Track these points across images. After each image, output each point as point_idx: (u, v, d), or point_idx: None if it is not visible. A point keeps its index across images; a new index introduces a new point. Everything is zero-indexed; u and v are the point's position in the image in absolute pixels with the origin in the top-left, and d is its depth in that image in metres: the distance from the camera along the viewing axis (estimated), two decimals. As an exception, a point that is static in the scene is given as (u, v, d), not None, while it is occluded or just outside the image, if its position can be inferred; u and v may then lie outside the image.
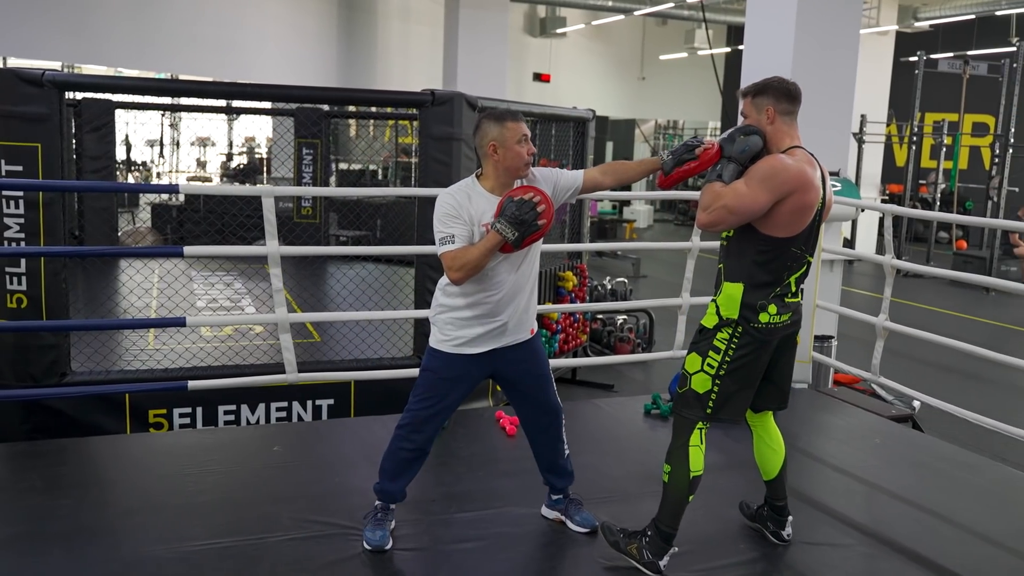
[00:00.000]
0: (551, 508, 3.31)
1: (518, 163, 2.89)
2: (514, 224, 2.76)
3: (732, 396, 2.86)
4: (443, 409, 3.03)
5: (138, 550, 2.99)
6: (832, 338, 5.73)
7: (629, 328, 7.84)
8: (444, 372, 3.00)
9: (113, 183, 9.74)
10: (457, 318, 2.97)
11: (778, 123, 2.85)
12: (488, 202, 2.89)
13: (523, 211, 2.77)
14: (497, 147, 2.87)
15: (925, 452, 4.38)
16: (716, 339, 2.85)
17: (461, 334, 2.97)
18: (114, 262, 8.65)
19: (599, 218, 16.33)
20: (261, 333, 6.04)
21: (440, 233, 2.85)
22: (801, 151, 2.83)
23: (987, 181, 13.49)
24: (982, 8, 14.96)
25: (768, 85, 2.87)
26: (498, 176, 2.92)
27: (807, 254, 2.86)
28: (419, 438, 3.02)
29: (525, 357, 3.07)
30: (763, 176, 2.72)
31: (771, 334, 2.85)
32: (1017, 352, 4.95)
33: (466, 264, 2.81)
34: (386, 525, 3.09)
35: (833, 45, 6.18)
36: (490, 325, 2.96)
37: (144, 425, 4.63)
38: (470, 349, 2.98)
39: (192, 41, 14.38)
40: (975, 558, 3.19)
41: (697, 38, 18.68)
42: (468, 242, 2.84)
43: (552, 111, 7.11)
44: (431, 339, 3.05)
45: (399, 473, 3.07)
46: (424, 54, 17.06)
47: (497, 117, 2.90)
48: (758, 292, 2.81)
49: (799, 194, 2.73)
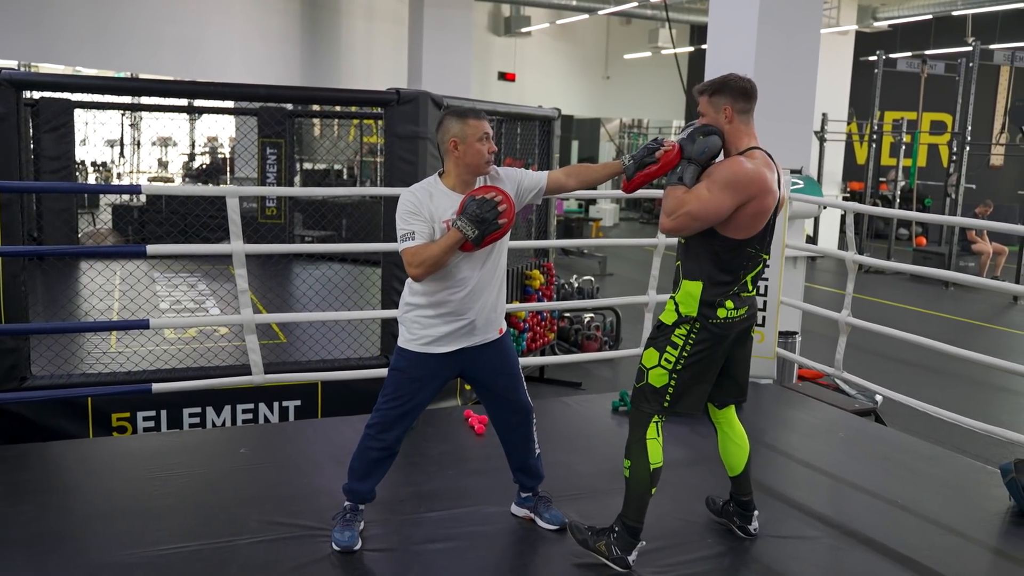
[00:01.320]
0: (520, 506, 3.32)
1: (479, 160, 2.91)
2: (475, 222, 2.78)
3: (689, 390, 2.91)
4: (412, 409, 3.03)
5: (103, 555, 2.95)
6: (796, 334, 5.81)
7: (596, 326, 7.87)
8: (412, 372, 3.00)
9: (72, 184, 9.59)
10: (424, 316, 2.97)
11: (736, 122, 2.87)
12: (450, 199, 2.90)
13: (484, 210, 2.79)
14: (458, 144, 2.89)
15: (887, 445, 4.45)
16: (674, 335, 2.89)
17: (428, 333, 2.97)
18: (75, 264, 8.52)
19: (565, 217, 16.38)
20: (226, 334, 5.99)
21: (401, 230, 2.87)
22: (759, 152, 2.87)
23: (945, 178, 13.73)
24: (939, 8, 15.23)
25: (725, 83, 2.89)
26: (460, 174, 2.93)
27: (762, 253, 2.92)
28: (388, 438, 3.01)
29: (494, 356, 3.08)
30: (726, 182, 2.75)
31: (728, 329, 2.89)
32: (976, 346, 5.06)
33: (425, 260, 2.82)
34: (355, 526, 3.08)
35: (794, 44, 6.27)
36: (457, 323, 2.97)
37: (107, 429, 4.57)
38: (438, 348, 2.98)
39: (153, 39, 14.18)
40: (936, 547, 3.25)
41: (661, 37, 18.80)
42: (429, 239, 2.85)
43: (517, 110, 7.13)
44: (399, 338, 3.05)
45: (368, 473, 3.06)
46: (389, 53, 16.99)
47: (459, 114, 2.92)
48: (716, 290, 2.86)
49: (759, 199, 2.78)
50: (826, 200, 5.89)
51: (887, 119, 16.56)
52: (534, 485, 3.29)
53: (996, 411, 6.45)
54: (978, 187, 13.87)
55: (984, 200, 13.08)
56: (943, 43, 16.75)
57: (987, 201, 13.00)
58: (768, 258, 2.96)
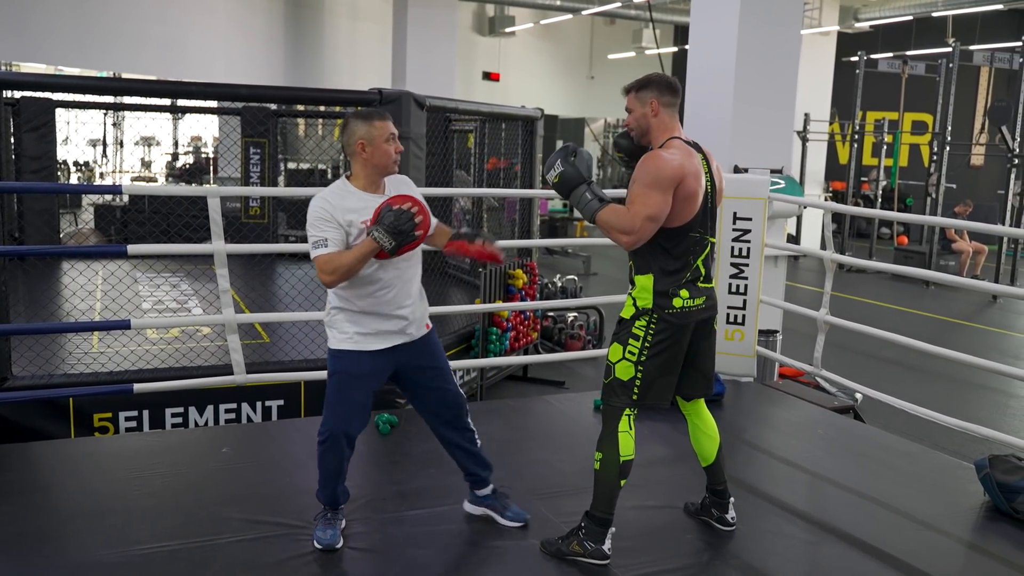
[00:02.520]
0: (477, 504, 3.32)
1: (387, 161, 2.96)
2: (391, 233, 2.81)
3: (656, 381, 2.96)
4: (358, 411, 3.02)
5: (84, 555, 2.96)
6: (777, 333, 5.85)
7: (579, 325, 7.90)
8: (353, 370, 3.00)
9: (54, 184, 9.55)
10: (357, 314, 2.98)
11: (662, 115, 2.98)
12: (361, 200, 2.93)
13: (401, 221, 2.82)
14: (365, 145, 2.93)
15: (866, 442, 4.50)
16: (635, 327, 2.95)
17: (361, 330, 2.99)
18: (56, 264, 8.47)
19: (550, 216, 16.41)
20: (208, 334, 5.98)
21: (313, 237, 2.88)
22: (678, 141, 2.95)
23: (926, 178, 13.85)
24: (919, 10, 15.36)
25: (650, 80, 3.03)
26: (368, 175, 2.98)
27: (707, 235, 2.98)
28: (342, 444, 3.01)
29: (425, 352, 3.11)
30: (655, 177, 2.83)
31: (686, 318, 2.94)
32: (955, 344, 5.11)
33: (338, 268, 2.83)
34: (336, 524, 3.10)
35: (775, 45, 6.32)
36: (391, 322, 3.00)
37: (89, 429, 4.56)
38: (374, 345, 3.00)
39: (135, 39, 14.11)
40: (912, 542, 3.30)
41: (645, 38, 18.87)
42: (342, 245, 2.87)
43: (500, 110, 7.15)
44: (330, 341, 3.04)
45: (336, 481, 3.08)
46: (373, 53, 16.97)
47: (365, 116, 2.97)
48: (668, 279, 2.92)
49: (682, 184, 2.85)
50: (804, 200, 5.95)
51: (869, 119, 16.69)
52: (486, 475, 3.29)
53: (974, 408, 6.53)
54: (959, 187, 14.00)
55: (964, 200, 13.20)
56: (924, 44, 16.90)
57: (967, 201, 13.12)
58: (714, 240, 3.04)
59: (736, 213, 5.16)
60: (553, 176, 2.96)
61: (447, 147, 7.99)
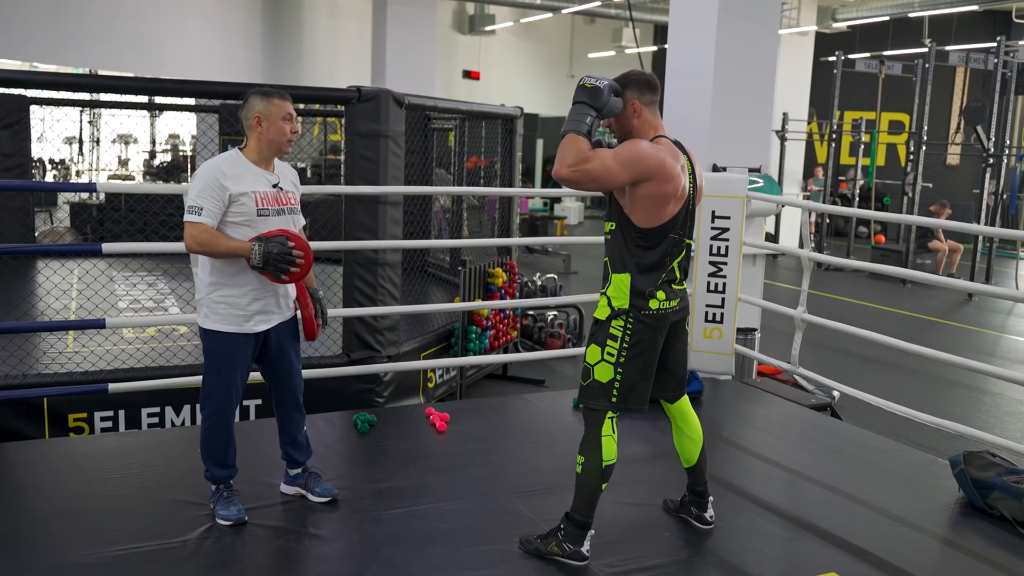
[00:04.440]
0: (291, 484, 3.42)
1: (281, 138, 3.05)
2: (266, 258, 2.94)
3: (636, 384, 2.92)
4: (238, 389, 3.14)
5: (58, 556, 2.92)
6: (755, 331, 5.88)
7: (559, 323, 7.91)
8: (229, 350, 3.08)
9: (28, 182, 9.41)
10: (230, 296, 3.06)
11: (644, 115, 2.94)
12: (251, 173, 3.04)
13: (281, 258, 2.96)
14: (262, 120, 3.02)
15: (842, 439, 4.53)
16: (612, 328, 2.91)
17: (238, 313, 3.06)
18: (30, 263, 8.38)
19: (530, 215, 16.41)
20: (185, 333, 5.93)
21: (193, 201, 2.96)
22: (665, 140, 2.92)
23: (903, 177, 13.97)
24: (896, 10, 15.50)
25: (629, 79, 2.96)
26: (261, 150, 3.07)
27: (685, 238, 2.96)
28: (227, 420, 3.14)
29: (288, 333, 3.23)
30: (628, 159, 2.80)
31: (662, 320, 2.93)
32: (931, 342, 5.16)
33: (206, 246, 2.95)
34: (235, 499, 3.19)
35: (754, 44, 6.35)
36: (263, 300, 3.09)
37: (64, 429, 4.51)
38: (252, 328, 3.08)
39: (112, 35, 13.98)
40: (887, 537, 3.33)
41: (625, 36, 18.93)
42: (215, 218, 2.95)
43: (480, 108, 7.13)
44: (206, 321, 3.10)
45: (224, 456, 3.19)
46: (352, 51, 16.91)
47: (265, 94, 3.07)
48: (645, 279, 2.89)
49: (656, 183, 2.81)
50: (782, 198, 5.98)
51: (847, 119, 16.81)
52: (303, 460, 3.40)
53: (949, 405, 6.59)
54: (935, 186, 14.12)
55: (940, 200, 13.32)
56: (900, 44, 17.04)
57: (943, 201, 13.23)
58: (691, 243, 3.03)
59: (714, 212, 5.19)
60: (590, 83, 2.85)
61: (427, 145, 7.97)
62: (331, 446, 4.06)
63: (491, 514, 3.37)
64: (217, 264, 3.04)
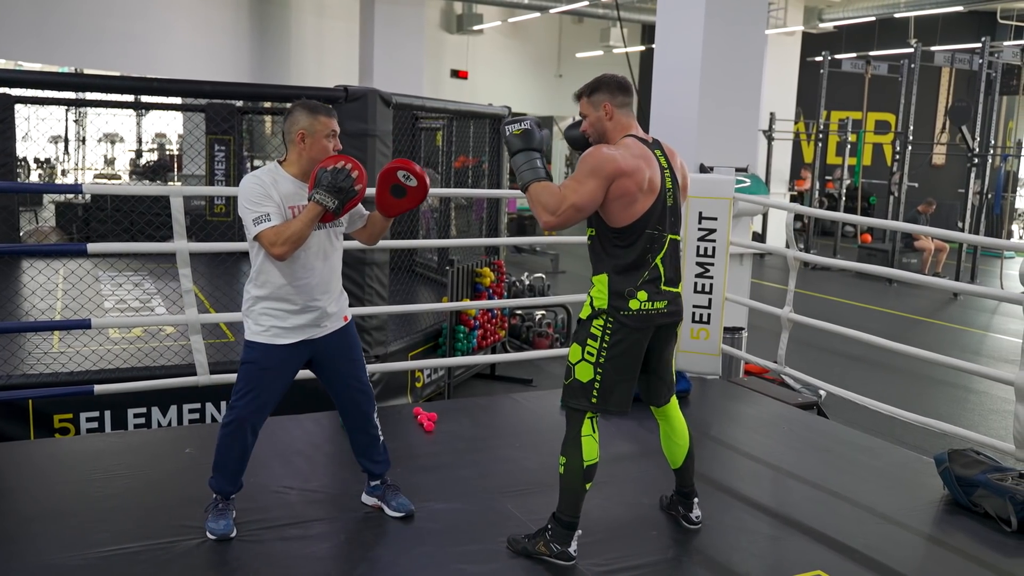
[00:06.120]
0: (370, 495, 3.36)
1: (323, 156, 2.97)
2: (332, 192, 2.84)
3: (616, 385, 2.91)
4: (268, 402, 3.05)
5: (42, 558, 2.90)
6: (742, 330, 5.90)
7: (547, 323, 7.91)
8: (264, 363, 3.01)
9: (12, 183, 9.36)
10: (273, 308, 2.99)
11: (617, 116, 2.95)
12: (294, 186, 2.97)
13: (339, 179, 2.84)
14: (305, 136, 2.96)
15: (829, 437, 4.56)
16: (592, 327, 2.91)
17: (279, 324, 3.00)
18: (15, 263, 8.33)
19: (518, 214, 16.41)
20: (172, 334, 5.91)
21: (255, 213, 2.87)
22: (631, 139, 2.92)
23: (889, 177, 14.05)
24: (882, 11, 15.58)
25: (600, 82, 2.99)
26: (302, 164, 2.99)
27: (666, 232, 2.93)
28: (247, 434, 3.04)
29: (341, 343, 3.14)
30: (591, 169, 2.81)
31: (644, 321, 2.89)
32: (916, 341, 5.19)
33: (290, 237, 2.84)
34: (228, 515, 3.11)
35: (741, 44, 6.37)
36: (308, 314, 3.02)
37: (49, 431, 4.49)
38: (288, 339, 3.01)
39: (98, 34, 13.90)
40: (873, 535, 3.34)
41: (612, 36, 18.95)
42: (281, 217, 2.88)
43: (468, 108, 7.13)
44: (247, 332, 3.05)
45: (236, 471, 3.10)
46: (340, 50, 16.86)
47: (311, 109, 2.98)
48: (624, 279, 2.87)
49: (622, 179, 2.81)
50: (768, 200, 5.99)
51: (833, 118, 16.89)
52: (379, 472, 3.32)
53: (934, 403, 6.63)
54: (920, 185, 14.21)
55: (926, 199, 13.41)
56: (886, 44, 17.13)
57: (929, 200, 13.33)
58: (677, 238, 2.99)
59: (701, 212, 5.20)
60: (517, 128, 2.91)
61: (414, 145, 7.96)
62: (319, 446, 4.05)
63: (479, 514, 3.37)
64: (262, 280, 2.97)
